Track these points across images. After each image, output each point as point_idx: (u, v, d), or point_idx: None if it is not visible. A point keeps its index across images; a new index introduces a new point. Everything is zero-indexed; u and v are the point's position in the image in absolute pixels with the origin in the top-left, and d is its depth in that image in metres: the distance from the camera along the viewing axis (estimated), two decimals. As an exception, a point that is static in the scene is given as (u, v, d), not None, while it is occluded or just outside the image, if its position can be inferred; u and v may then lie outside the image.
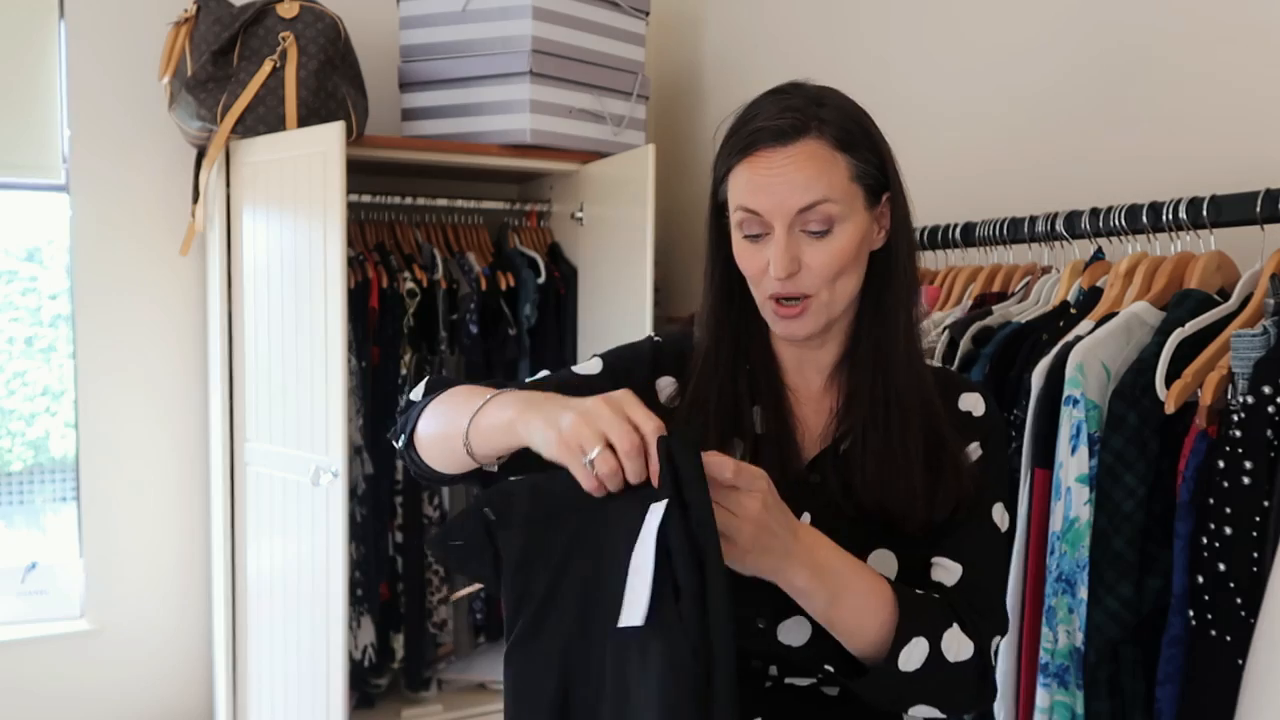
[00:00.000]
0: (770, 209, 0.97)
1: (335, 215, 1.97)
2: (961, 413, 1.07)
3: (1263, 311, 1.21)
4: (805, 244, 0.98)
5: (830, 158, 0.97)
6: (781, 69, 2.49)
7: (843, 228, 0.97)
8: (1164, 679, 1.19)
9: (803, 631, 0.99)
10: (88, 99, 2.39)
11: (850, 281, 1.00)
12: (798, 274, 0.98)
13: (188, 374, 2.51)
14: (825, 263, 0.97)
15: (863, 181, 0.99)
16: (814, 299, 0.99)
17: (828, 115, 0.98)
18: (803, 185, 0.96)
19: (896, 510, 1.00)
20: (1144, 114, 1.65)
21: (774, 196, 0.97)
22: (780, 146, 0.97)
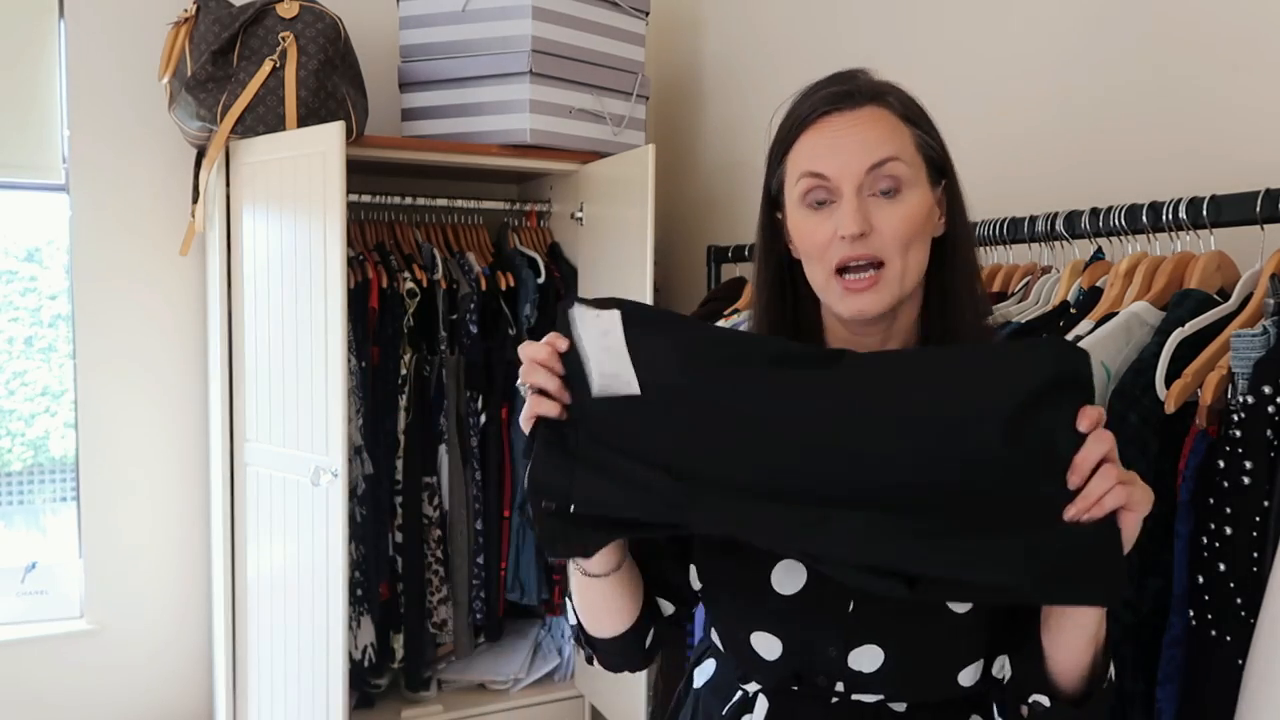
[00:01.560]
0: (838, 169, 0.95)
1: (335, 215, 1.97)
2: None
3: (1263, 311, 1.21)
4: (874, 207, 0.95)
5: (897, 125, 0.97)
6: (781, 69, 2.50)
7: (912, 192, 0.95)
8: (1164, 679, 1.19)
9: (875, 659, 0.96)
10: (88, 99, 2.39)
11: (920, 255, 0.97)
12: (869, 236, 0.94)
13: (188, 374, 2.51)
14: (896, 225, 0.94)
15: (926, 155, 0.98)
16: (886, 269, 0.95)
17: (894, 93, 0.99)
18: (874, 142, 0.95)
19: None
20: (1144, 114, 1.65)
21: (842, 155, 0.95)
22: (849, 109, 0.96)
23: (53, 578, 2.47)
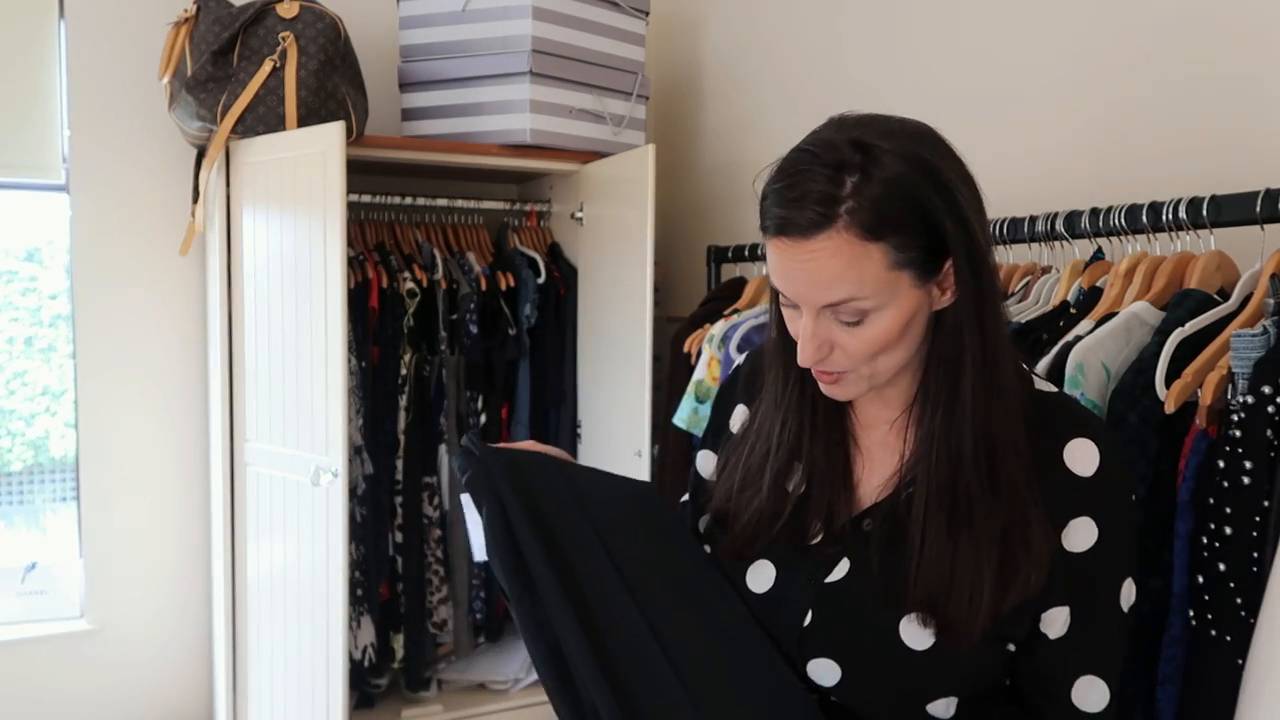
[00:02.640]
0: (797, 296, 0.90)
1: (335, 215, 1.97)
2: (1063, 471, 0.92)
3: (1262, 311, 1.21)
4: (837, 329, 0.90)
5: (859, 251, 0.85)
6: (781, 69, 2.50)
7: (879, 316, 0.88)
8: (1164, 679, 1.19)
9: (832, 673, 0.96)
10: (88, 99, 2.39)
11: (895, 356, 0.92)
12: (829, 356, 0.92)
13: (188, 374, 2.51)
14: (858, 348, 0.90)
15: (907, 265, 0.87)
16: (851, 373, 0.93)
17: (863, 194, 0.85)
18: (825, 283, 0.87)
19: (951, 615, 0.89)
20: (1144, 114, 1.65)
21: (797, 287, 0.89)
22: (801, 239, 0.86)
23: (53, 578, 2.47)
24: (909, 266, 0.87)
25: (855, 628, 0.96)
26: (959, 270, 0.89)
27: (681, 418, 2.10)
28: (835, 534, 0.99)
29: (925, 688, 0.95)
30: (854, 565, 0.97)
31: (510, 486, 1.01)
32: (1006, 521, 0.90)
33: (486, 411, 2.52)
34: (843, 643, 0.96)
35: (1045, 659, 0.94)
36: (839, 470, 1.01)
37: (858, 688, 0.96)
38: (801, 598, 0.98)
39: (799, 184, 0.86)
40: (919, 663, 0.92)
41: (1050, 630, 0.94)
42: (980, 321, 0.91)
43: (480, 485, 1.02)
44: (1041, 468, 0.92)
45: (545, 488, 1.03)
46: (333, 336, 1.99)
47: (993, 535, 0.90)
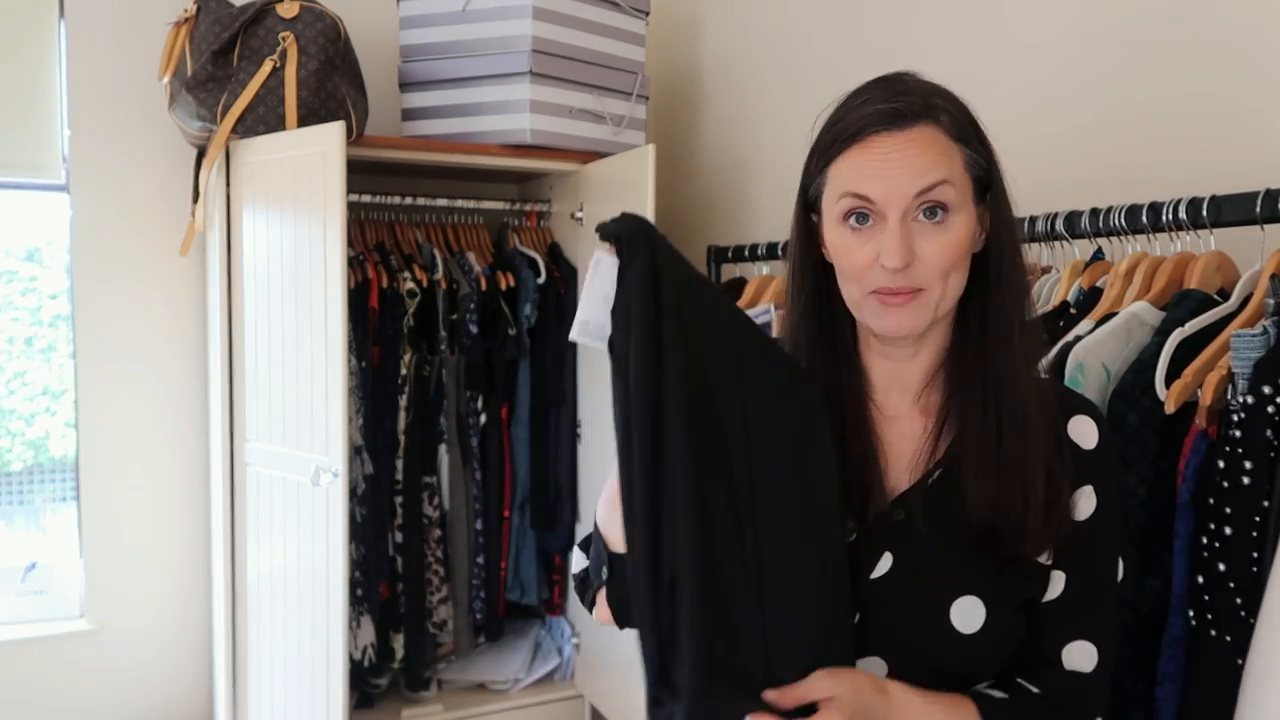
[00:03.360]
0: (885, 195, 0.91)
1: (335, 215, 1.97)
2: (1070, 443, 0.97)
3: (1262, 311, 1.21)
4: (919, 233, 0.92)
5: (947, 145, 0.93)
6: (781, 69, 2.50)
7: (958, 218, 0.93)
8: (1164, 679, 1.19)
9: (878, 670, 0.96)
10: (88, 98, 2.39)
11: (959, 279, 0.95)
12: (911, 266, 0.92)
13: (188, 374, 2.51)
14: (940, 254, 0.92)
15: (973, 175, 0.95)
16: (925, 293, 0.93)
17: (943, 104, 0.94)
18: (923, 169, 0.91)
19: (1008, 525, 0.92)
20: (1144, 114, 1.65)
21: (890, 181, 0.91)
22: (898, 130, 0.92)
23: (53, 578, 2.47)
24: (974, 174, 0.95)
25: (906, 619, 0.95)
26: (997, 207, 0.96)
27: (681, 418, 2.09)
28: (870, 529, 0.98)
29: (970, 672, 0.96)
30: (896, 557, 0.97)
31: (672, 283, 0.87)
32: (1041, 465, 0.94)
33: (486, 411, 2.52)
34: (892, 637, 0.96)
35: (1040, 623, 0.97)
36: (867, 465, 0.99)
37: (904, 681, 0.95)
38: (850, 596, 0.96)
39: (897, 87, 0.95)
40: (968, 646, 0.94)
41: (1047, 594, 0.97)
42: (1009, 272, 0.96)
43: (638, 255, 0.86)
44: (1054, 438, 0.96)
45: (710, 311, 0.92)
46: (333, 336, 1.99)
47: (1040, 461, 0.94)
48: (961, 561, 0.94)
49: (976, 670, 0.97)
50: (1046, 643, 0.97)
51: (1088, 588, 0.97)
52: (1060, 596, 0.96)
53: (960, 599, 0.94)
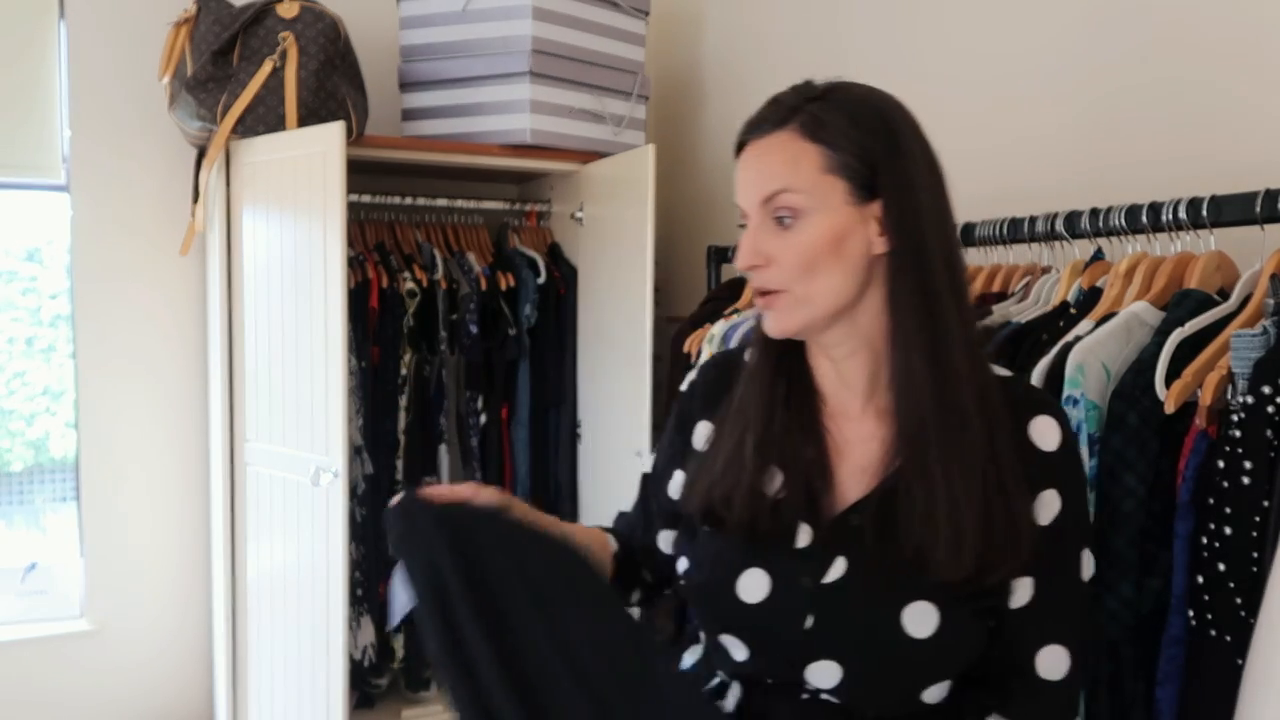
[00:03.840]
0: (744, 198, 0.98)
1: (335, 215, 1.97)
2: (1030, 446, 0.96)
3: (1262, 311, 1.21)
4: (772, 237, 0.96)
5: (799, 149, 0.95)
6: (781, 69, 2.49)
7: (810, 220, 0.94)
8: (1164, 679, 1.19)
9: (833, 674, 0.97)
10: (88, 99, 2.39)
11: (830, 279, 0.95)
12: (765, 268, 0.96)
13: (188, 374, 2.51)
14: (789, 255, 0.94)
15: (843, 175, 0.94)
16: (786, 294, 0.96)
17: (815, 107, 0.96)
18: (766, 176, 0.96)
19: (936, 557, 0.92)
20: (1144, 114, 1.65)
21: (745, 190, 0.98)
22: (756, 139, 0.98)
23: (53, 578, 2.47)
24: (843, 175, 0.94)
25: (858, 625, 0.96)
26: (892, 217, 0.94)
27: (681, 418, 2.10)
28: (824, 533, 0.99)
29: (924, 676, 0.96)
30: (850, 562, 0.97)
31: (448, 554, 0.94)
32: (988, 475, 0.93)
33: (486, 411, 2.52)
34: (845, 642, 0.96)
35: (1010, 630, 0.97)
36: (818, 468, 1.00)
37: (857, 685, 0.96)
38: (800, 603, 0.97)
39: (774, 101, 0.99)
40: (921, 651, 0.93)
41: (1015, 600, 0.97)
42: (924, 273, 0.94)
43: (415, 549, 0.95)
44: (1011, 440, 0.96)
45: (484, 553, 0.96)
46: (333, 336, 1.99)
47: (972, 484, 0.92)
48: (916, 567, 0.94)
49: (931, 675, 0.96)
50: (1017, 650, 0.97)
51: (1058, 592, 0.97)
52: (1030, 603, 0.96)
53: (913, 604, 0.93)
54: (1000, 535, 0.92)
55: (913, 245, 0.95)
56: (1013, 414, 0.96)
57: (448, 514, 0.96)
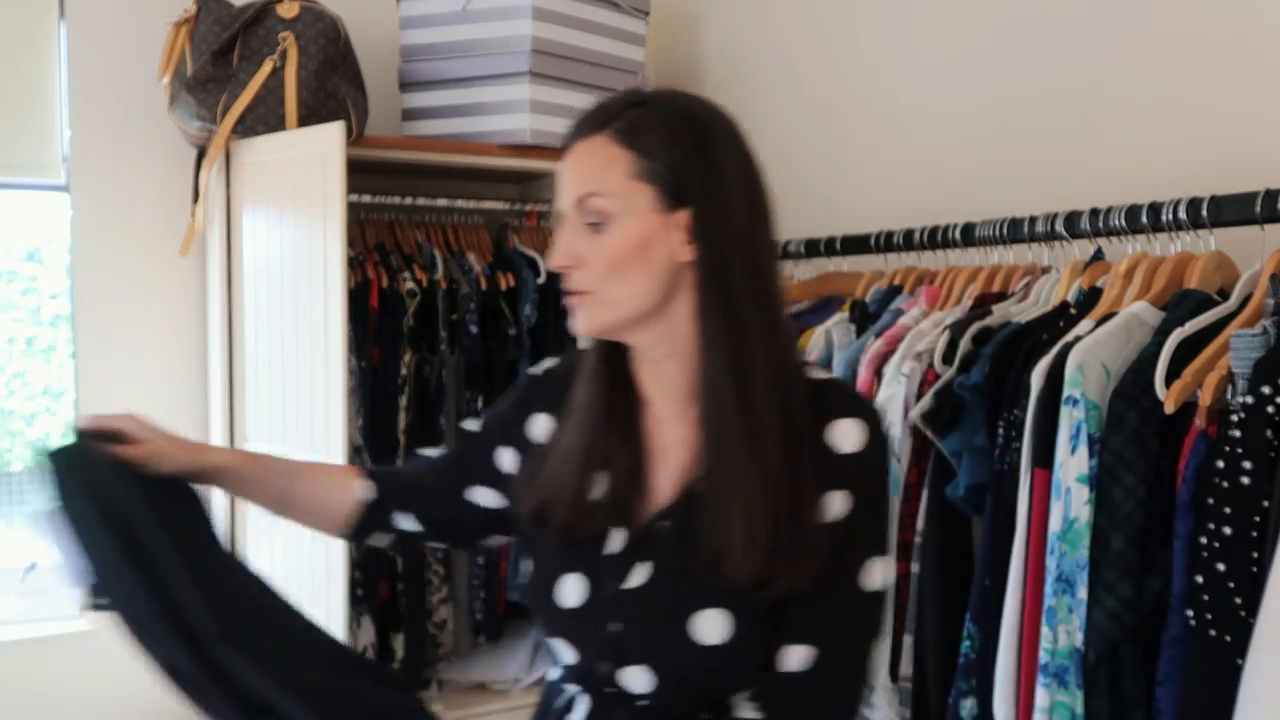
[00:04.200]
0: (561, 199, 1.01)
1: (335, 215, 1.97)
2: (826, 448, 0.97)
3: (1262, 311, 1.21)
4: (583, 238, 0.99)
5: (612, 154, 0.97)
6: (781, 68, 2.50)
7: (618, 224, 0.97)
8: (1164, 679, 1.19)
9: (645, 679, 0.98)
10: (88, 99, 2.38)
11: (635, 284, 0.97)
12: (575, 269, 0.99)
13: (188, 374, 2.51)
14: (596, 258, 0.97)
15: (652, 181, 0.96)
16: (593, 295, 0.99)
17: (634, 113, 0.98)
18: (577, 180, 0.99)
19: (730, 562, 0.93)
20: (1144, 114, 1.65)
21: (562, 186, 1.01)
22: (577, 141, 1.01)
23: (53, 578, 2.47)
24: (652, 182, 0.97)
25: (657, 631, 0.97)
26: (698, 226, 0.97)
27: (681, 418, 2.10)
28: (633, 539, 1.01)
29: (724, 683, 0.98)
30: (655, 568, 0.99)
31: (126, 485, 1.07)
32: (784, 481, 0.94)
33: (486, 411, 2.52)
34: (650, 648, 0.98)
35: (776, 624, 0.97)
36: (635, 473, 1.02)
37: (669, 692, 0.98)
38: (608, 607, 1.00)
39: (596, 106, 1.02)
40: (714, 658, 0.95)
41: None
42: (732, 282, 0.97)
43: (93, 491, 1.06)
44: (808, 442, 0.97)
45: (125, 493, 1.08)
46: (333, 336, 1.99)
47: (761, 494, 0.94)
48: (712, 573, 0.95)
49: (726, 682, 0.98)
50: (774, 645, 0.97)
51: (823, 593, 0.96)
52: (793, 599, 0.95)
53: (704, 611, 0.95)
54: (787, 543, 0.93)
55: (716, 255, 0.97)
56: (818, 417, 0.98)
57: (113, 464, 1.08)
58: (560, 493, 1.03)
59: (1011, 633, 1.32)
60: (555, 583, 1.04)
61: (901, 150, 2.13)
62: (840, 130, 2.30)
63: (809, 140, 2.38)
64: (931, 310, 1.71)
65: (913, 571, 1.53)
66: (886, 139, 2.17)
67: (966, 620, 1.40)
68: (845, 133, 2.29)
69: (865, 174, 2.23)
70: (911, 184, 2.10)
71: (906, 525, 1.54)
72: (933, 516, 1.50)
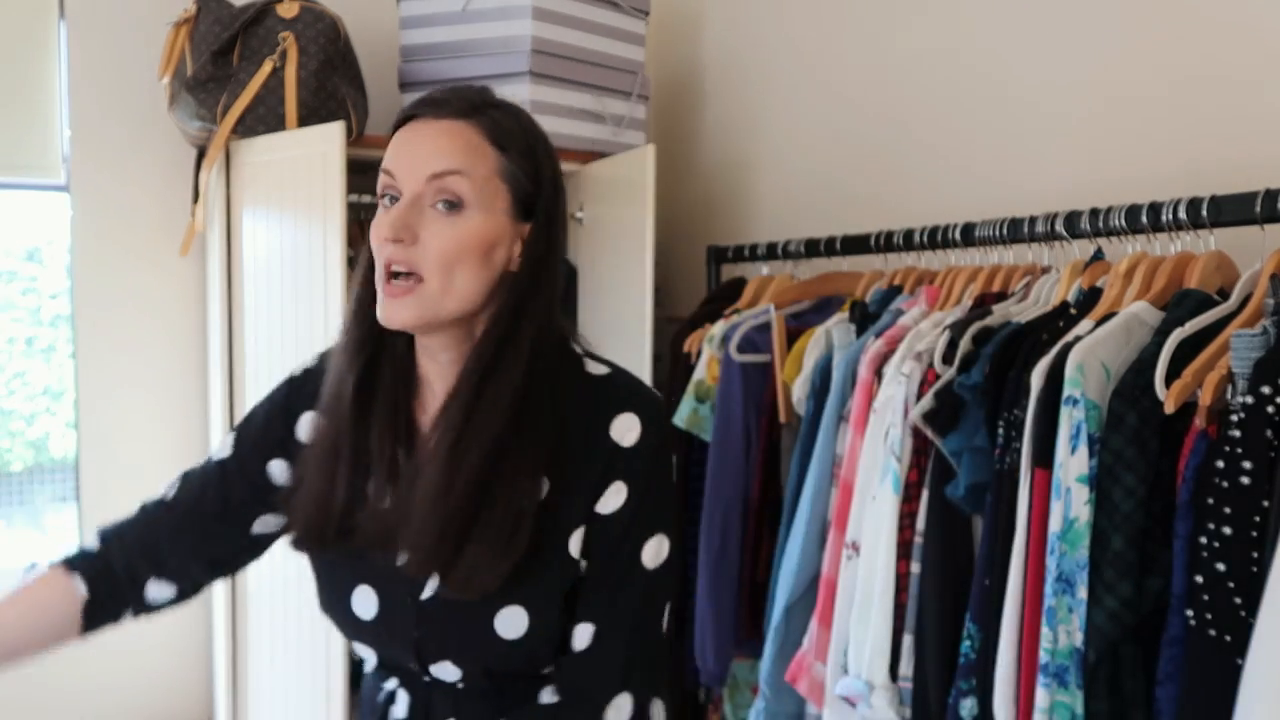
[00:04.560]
0: (405, 171, 0.95)
1: (335, 215, 1.97)
2: (610, 442, 0.99)
3: (1262, 311, 1.21)
4: (430, 219, 0.94)
5: (479, 144, 0.96)
6: (781, 68, 2.50)
7: (472, 214, 0.95)
8: (1164, 679, 1.19)
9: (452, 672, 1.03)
10: (88, 99, 2.39)
11: (468, 281, 0.95)
12: (410, 245, 0.94)
13: (188, 374, 2.51)
14: (443, 243, 0.94)
15: (511, 185, 0.97)
16: (425, 284, 0.94)
17: (498, 114, 0.98)
18: (442, 153, 0.94)
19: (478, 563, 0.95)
20: (1144, 114, 1.65)
21: (411, 157, 0.95)
22: (435, 119, 0.96)
23: (53, 578, 2.47)
24: (510, 186, 0.97)
25: (457, 634, 1.00)
26: (532, 243, 0.99)
27: (681, 418, 2.10)
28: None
29: (530, 666, 1.02)
30: (441, 581, 0.99)
31: None
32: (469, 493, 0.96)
33: (486, 411, 2.52)
34: (453, 647, 1.01)
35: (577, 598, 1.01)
36: (413, 479, 1.00)
37: (477, 680, 1.02)
38: (406, 617, 1.02)
39: (453, 91, 0.99)
40: (517, 650, 0.99)
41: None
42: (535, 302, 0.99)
43: None
44: (588, 440, 0.99)
45: None
46: (332, 336, 1.98)
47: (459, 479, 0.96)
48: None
49: (531, 666, 1.02)
50: (568, 625, 1.01)
51: (604, 576, 1.00)
52: (581, 582, 1.00)
53: (503, 610, 0.98)
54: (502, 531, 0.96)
55: (534, 275, 0.99)
56: (601, 412, 1.00)
57: None
58: (330, 504, 1.01)
59: (1011, 633, 1.32)
60: (348, 596, 1.05)
61: (898, 149, 2.13)
62: (840, 130, 2.30)
63: (809, 140, 2.38)
64: (931, 310, 1.71)
65: (913, 571, 1.53)
66: (886, 139, 2.17)
67: (966, 620, 1.40)
68: (845, 132, 2.29)
69: (865, 173, 2.24)
70: (910, 183, 2.10)
71: (906, 525, 1.53)
72: (933, 516, 1.50)
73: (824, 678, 1.62)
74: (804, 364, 1.85)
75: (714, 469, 1.99)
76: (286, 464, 1.09)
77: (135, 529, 1.10)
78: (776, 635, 1.75)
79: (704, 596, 1.97)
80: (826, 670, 1.61)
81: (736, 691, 2.04)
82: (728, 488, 1.98)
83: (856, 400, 1.66)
